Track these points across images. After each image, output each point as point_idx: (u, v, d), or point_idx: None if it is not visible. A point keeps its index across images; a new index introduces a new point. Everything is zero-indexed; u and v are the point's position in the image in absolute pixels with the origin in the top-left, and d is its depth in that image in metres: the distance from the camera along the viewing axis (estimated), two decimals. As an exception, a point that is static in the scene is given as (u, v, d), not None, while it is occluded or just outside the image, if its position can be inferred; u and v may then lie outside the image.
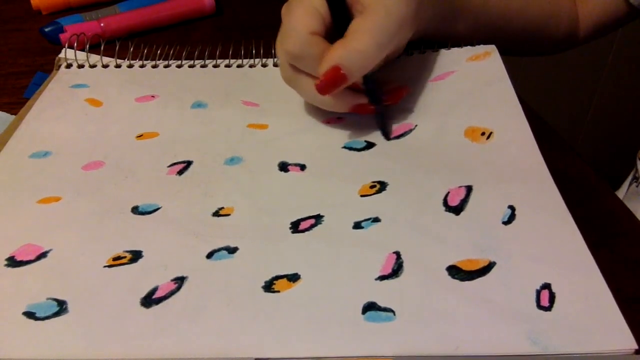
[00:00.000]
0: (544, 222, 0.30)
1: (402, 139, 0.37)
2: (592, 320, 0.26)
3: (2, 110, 0.42)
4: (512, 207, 0.31)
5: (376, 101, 0.37)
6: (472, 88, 0.40)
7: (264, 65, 0.45)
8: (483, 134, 0.36)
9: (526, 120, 0.37)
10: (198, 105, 0.41)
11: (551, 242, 0.29)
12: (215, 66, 0.45)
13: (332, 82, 0.33)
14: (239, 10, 0.57)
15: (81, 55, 0.45)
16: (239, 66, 0.45)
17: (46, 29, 0.52)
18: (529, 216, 0.31)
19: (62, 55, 0.46)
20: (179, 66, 0.45)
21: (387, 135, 0.37)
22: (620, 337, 0.25)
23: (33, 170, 0.36)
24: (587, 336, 0.25)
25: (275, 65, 0.45)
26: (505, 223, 0.31)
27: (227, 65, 0.46)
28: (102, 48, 0.45)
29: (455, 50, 0.43)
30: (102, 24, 0.51)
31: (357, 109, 0.37)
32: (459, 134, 0.37)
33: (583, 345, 0.25)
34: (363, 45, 0.33)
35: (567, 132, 0.35)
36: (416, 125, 0.38)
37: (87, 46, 0.46)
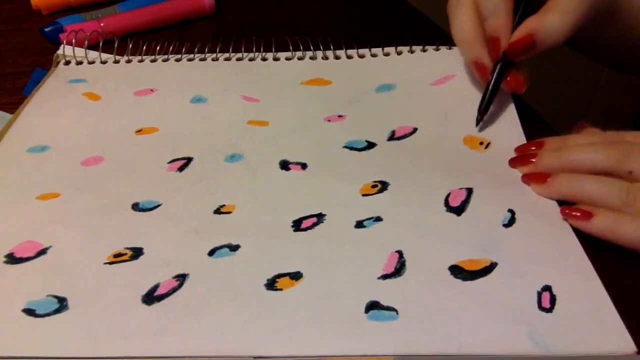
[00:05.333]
0: (543, 227, 0.31)
1: (402, 141, 0.37)
2: (592, 323, 0.26)
3: (1, 110, 0.42)
4: (511, 211, 0.31)
5: (498, 79, 0.37)
6: (471, 95, 0.40)
7: (264, 59, 0.45)
8: (481, 143, 0.37)
9: (522, 129, 0.37)
10: (197, 99, 0.41)
11: (550, 246, 0.30)
12: (215, 59, 0.45)
13: (523, 48, 0.35)
14: (238, 10, 0.57)
15: (80, 52, 0.45)
16: (238, 59, 0.45)
17: (46, 29, 0.51)
18: (528, 220, 0.31)
19: (60, 52, 0.46)
20: (178, 60, 0.45)
21: (480, 117, 0.37)
22: (620, 340, 0.25)
23: (31, 165, 0.36)
24: (588, 338, 0.25)
25: (275, 59, 0.45)
26: (506, 226, 0.31)
27: (227, 59, 0.45)
28: (100, 45, 0.45)
29: (456, 49, 0.43)
30: (102, 24, 0.51)
31: (478, 67, 0.38)
32: (457, 141, 0.37)
33: (584, 346, 0.25)
34: (560, 22, 0.34)
35: (567, 132, 0.34)
36: (416, 129, 0.38)
37: (86, 43, 0.46)
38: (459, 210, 0.32)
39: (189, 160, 0.36)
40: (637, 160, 0.30)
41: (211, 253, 0.30)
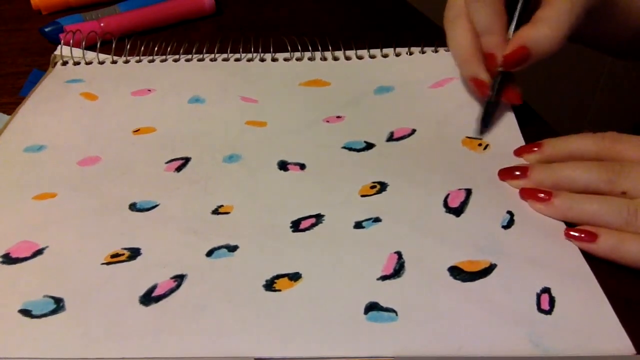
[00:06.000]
0: (541, 229, 0.31)
1: (401, 142, 0.37)
2: (591, 324, 0.26)
3: (1, 111, 0.42)
4: (510, 213, 0.31)
5: (497, 94, 0.37)
6: (470, 98, 0.40)
7: (262, 60, 0.45)
8: (480, 144, 0.37)
9: (519, 130, 0.37)
10: (196, 100, 0.41)
11: (549, 248, 0.30)
12: (213, 60, 0.45)
13: (517, 59, 0.36)
14: (238, 10, 0.57)
15: (77, 53, 0.45)
16: (236, 60, 0.45)
17: (46, 29, 0.51)
18: (527, 222, 0.31)
19: (57, 52, 0.46)
20: (176, 60, 0.45)
21: (484, 129, 0.38)
22: (618, 341, 0.25)
23: (28, 165, 0.36)
24: (587, 340, 0.25)
25: (273, 60, 0.45)
26: (505, 227, 0.31)
27: (225, 59, 0.45)
28: (98, 45, 0.45)
29: (455, 51, 0.43)
30: (102, 24, 0.51)
31: (476, 83, 0.38)
32: (456, 141, 0.37)
33: (583, 348, 0.25)
34: (553, 32, 0.35)
35: (567, 132, 0.34)
36: (415, 130, 0.38)
37: (84, 43, 0.46)
38: (458, 211, 0.31)
39: (186, 160, 0.36)
40: (628, 180, 0.30)
41: (209, 254, 0.29)
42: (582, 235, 0.30)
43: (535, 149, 0.35)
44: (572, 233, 0.30)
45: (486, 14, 0.36)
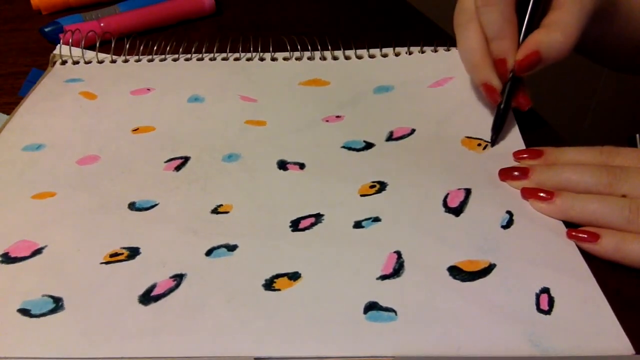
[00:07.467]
0: (540, 229, 0.31)
1: (400, 141, 0.37)
2: (590, 324, 0.26)
3: (1, 111, 0.42)
4: (510, 213, 0.31)
5: (508, 99, 0.37)
6: (470, 98, 0.40)
7: (262, 59, 0.45)
8: (479, 144, 0.36)
9: (520, 133, 0.37)
10: (195, 99, 0.41)
11: (548, 248, 0.30)
12: (212, 59, 0.45)
13: (529, 64, 0.35)
14: (238, 10, 0.57)
15: (76, 52, 0.46)
16: (236, 59, 0.45)
17: (46, 29, 0.51)
18: (526, 222, 0.31)
19: (57, 52, 0.46)
20: (175, 59, 0.45)
21: (496, 136, 0.37)
22: (617, 341, 0.25)
23: (26, 164, 0.36)
24: (586, 340, 0.25)
25: (272, 59, 0.45)
26: (504, 227, 0.31)
27: (224, 59, 0.45)
28: (97, 44, 0.45)
29: (455, 50, 0.43)
30: (102, 24, 0.51)
31: (487, 89, 0.38)
32: (456, 141, 0.37)
33: (582, 348, 0.25)
34: (564, 36, 0.35)
35: (567, 132, 0.35)
36: (414, 130, 0.38)
37: (83, 42, 0.46)
38: (457, 211, 0.31)
39: (186, 159, 0.36)
40: (628, 183, 0.31)
41: (208, 253, 0.29)
42: (585, 236, 0.30)
43: (535, 157, 0.35)
44: (574, 234, 0.30)
45: (496, 19, 0.36)
